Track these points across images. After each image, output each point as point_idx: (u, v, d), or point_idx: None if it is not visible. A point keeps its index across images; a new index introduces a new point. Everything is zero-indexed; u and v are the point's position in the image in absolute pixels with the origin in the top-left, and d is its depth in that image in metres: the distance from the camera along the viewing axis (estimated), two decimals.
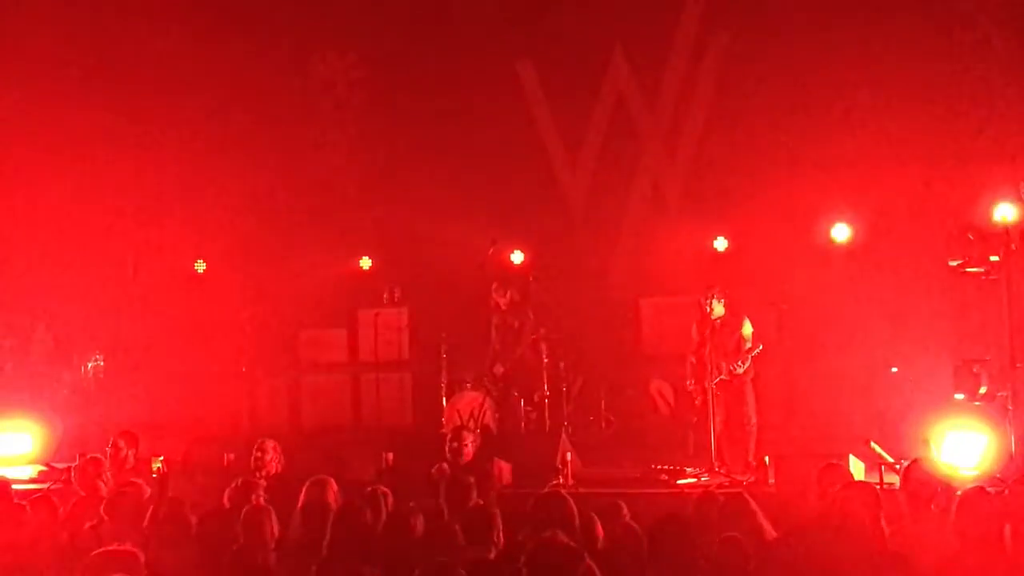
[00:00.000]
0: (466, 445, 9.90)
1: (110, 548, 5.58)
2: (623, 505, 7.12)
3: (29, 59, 14.79)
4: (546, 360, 13.23)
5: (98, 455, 9.48)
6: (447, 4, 15.18)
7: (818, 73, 13.37)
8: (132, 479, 8.52)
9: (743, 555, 5.82)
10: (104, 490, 8.54)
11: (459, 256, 13.82)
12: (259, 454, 9.66)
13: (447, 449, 9.84)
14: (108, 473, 9.18)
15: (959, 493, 6.41)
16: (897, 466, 9.16)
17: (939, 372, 11.51)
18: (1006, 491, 7.40)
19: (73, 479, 9.13)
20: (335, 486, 7.49)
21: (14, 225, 15.98)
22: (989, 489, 6.62)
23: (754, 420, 11.59)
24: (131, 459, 10.01)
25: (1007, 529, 5.92)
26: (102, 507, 7.39)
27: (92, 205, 15.32)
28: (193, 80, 14.72)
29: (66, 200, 15.42)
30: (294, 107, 15.54)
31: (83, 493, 8.57)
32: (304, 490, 7.37)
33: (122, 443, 10.00)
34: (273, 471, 9.56)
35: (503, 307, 12.99)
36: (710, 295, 11.62)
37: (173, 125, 14.69)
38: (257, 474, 9.33)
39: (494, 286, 13.02)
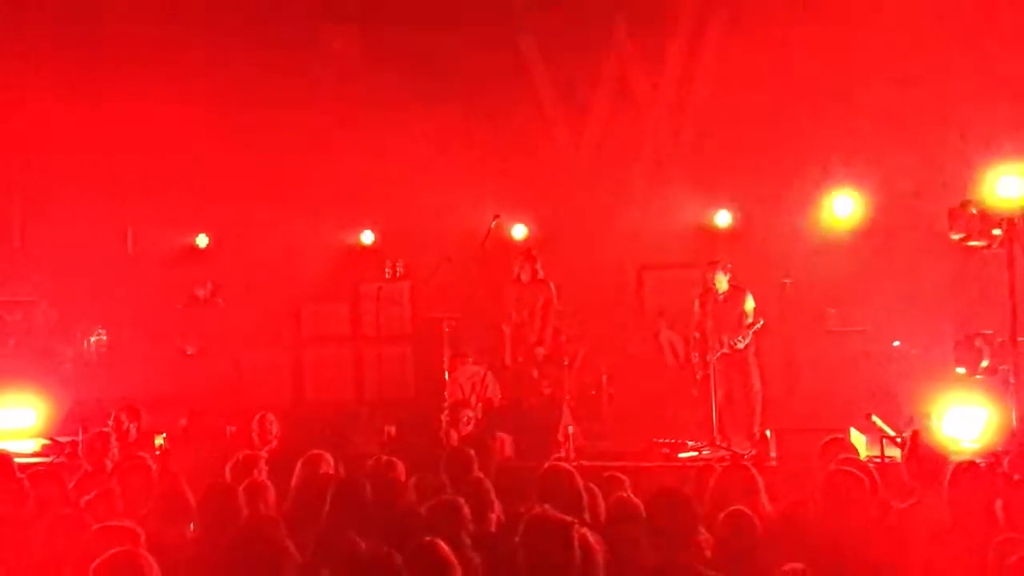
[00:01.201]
0: (462, 421, 9.87)
1: (109, 524, 5.58)
2: (624, 478, 7.15)
3: (22, 33, 14.77)
4: None
5: (106, 429, 9.50)
6: None
7: (821, 47, 13.30)
8: (137, 452, 8.56)
9: (750, 527, 5.83)
10: (109, 464, 8.55)
11: (461, 230, 13.82)
12: (260, 427, 9.69)
13: (443, 424, 9.81)
14: (115, 447, 9.20)
15: (950, 467, 6.43)
16: (899, 439, 9.18)
17: (941, 346, 11.52)
18: (1004, 464, 7.42)
19: (81, 453, 9.15)
20: (330, 460, 7.50)
21: (15, 199, 16.02)
22: (980, 463, 6.62)
23: (757, 387, 11.61)
24: (133, 433, 10.03)
25: (998, 504, 5.93)
26: (112, 480, 7.40)
27: (93, 178, 15.32)
28: (194, 53, 14.65)
29: (67, 173, 15.43)
30: (296, 80, 15.47)
31: (89, 467, 8.59)
32: (299, 464, 7.39)
33: (124, 417, 10.02)
34: (273, 445, 9.59)
35: (524, 281, 12.84)
36: (714, 268, 11.63)
37: (174, 98, 14.62)
38: (260, 448, 9.36)
39: (518, 260, 12.90)
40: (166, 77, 14.69)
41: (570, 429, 10.87)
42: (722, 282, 11.62)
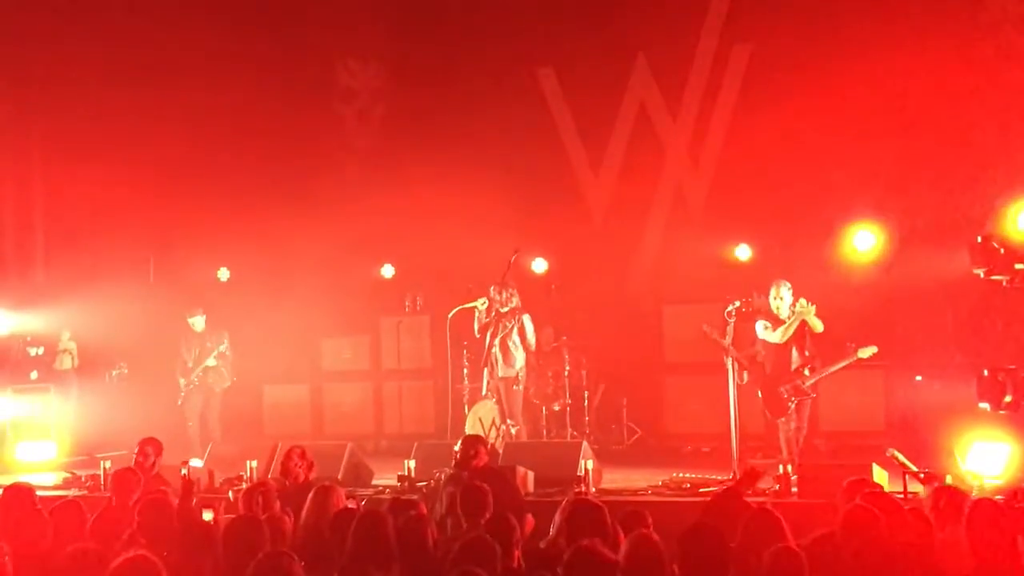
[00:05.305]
0: (476, 454, 9.72)
1: (129, 555, 5.56)
2: (647, 514, 7.08)
3: (43, 66, 14.93)
4: (568, 368, 13.21)
5: (131, 464, 9.52)
6: (470, 13, 15.21)
7: (841, 82, 13.32)
8: (161, 487, 8.58)
9: (798, 566, 5.72)
10: (132, 497, 8.55)
11: (481, 264, 13.82)
12: (298, 460, 9.64)
13: (457, 457, 9.67)
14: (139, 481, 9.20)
15: (968, 504, 6.35)
16: (921, 475, 9.11)
17: (963, 381, 11.44)
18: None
19: (108, 487, 9.15)
20: (341, 492, 7.47)
21: (38, 233, 16.15)
22: (999, 499, 6.55)
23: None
24: (156, 466, 10.05)
25: (1021, 540, 5.86)
26: (135, 513, 7.40)
27: (116, 212, 15.44)
28: (214, 88, 14.77)
29: (89, 207, 15.55)
30: (316, 115, 15.60)
31: (115, 500, 8.60)
32: (310, 497, 7.36)
33: (149, 450, 10.04)
34: (304, 478, 9.56)
35: (504, 311, 12.74)
36: (777, 284, 11.44)
37: (194, 132, 14.75)
38: (286, 480, 9.35)
39: (495, 288, 12.69)
40: (190, 111, 14.83)
41: (590, 463, 10.81)
42: (784, 301, 11.40)
